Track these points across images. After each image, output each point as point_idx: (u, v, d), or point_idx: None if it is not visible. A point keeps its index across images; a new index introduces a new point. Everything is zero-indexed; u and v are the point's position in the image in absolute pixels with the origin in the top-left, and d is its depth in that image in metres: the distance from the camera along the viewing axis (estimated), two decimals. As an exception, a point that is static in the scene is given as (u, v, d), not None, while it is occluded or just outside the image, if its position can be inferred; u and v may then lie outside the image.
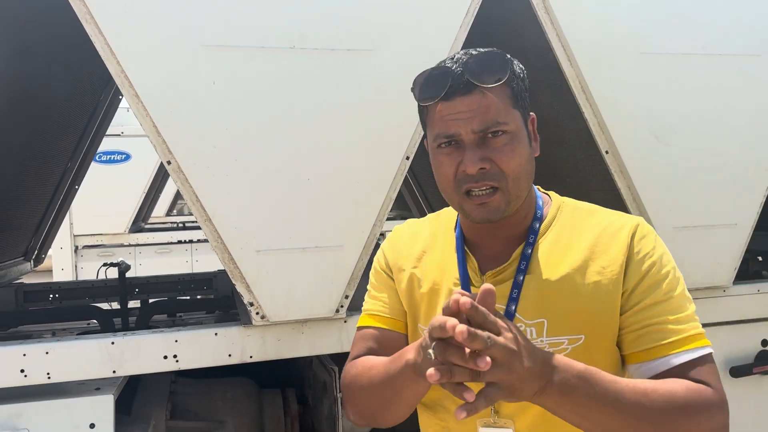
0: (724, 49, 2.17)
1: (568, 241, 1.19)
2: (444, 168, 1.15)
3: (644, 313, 1.12)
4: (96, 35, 1.74)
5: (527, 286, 1.16)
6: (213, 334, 1.92)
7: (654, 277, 1.12)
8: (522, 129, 1.15)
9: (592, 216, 1.22)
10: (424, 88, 1.16)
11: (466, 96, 1.11)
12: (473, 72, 1.11)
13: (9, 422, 1.76)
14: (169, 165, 1.81)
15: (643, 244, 1.15)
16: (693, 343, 1.09)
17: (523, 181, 1.15)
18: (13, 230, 3.15)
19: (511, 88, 1.14)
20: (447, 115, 1.12)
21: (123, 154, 6.68)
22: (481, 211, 1.14)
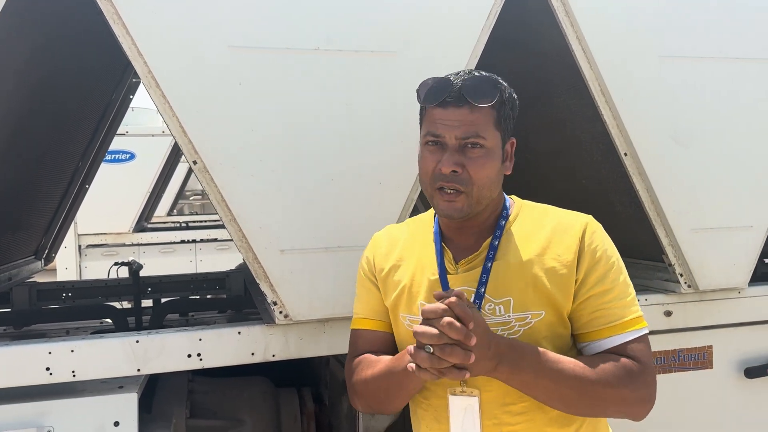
0: (742, 53, 2.19)
1: (529, 233, 1.41)
2: (426, 162, 1.38)
3: (594, 300, 1.35)
4: (123, 36, 1.75)
5: (495, 271, 1.38)
6: (236, 333, 1.93)
7: (602, 268, 1.36)
8: (498, 148, 1.38)
9: (547, 213, 1.46)
10: (427, 93, 1.37)
11: (458, 108, 1.34)
12: (468, 90, 1.33)
13: (35, 420, 1.77)
14: (195, 165, 1.82)
15: (593, 238, 1.38)
16: (630, 327, 1.35)
17: (487, 190, 1.37)
18: (25, 229, 3.16)
19: (497, 111, 1.36)
20: (439, 119, 1.35)
21: (128, 154, 6.69)
22: (446, 207, 1.36)
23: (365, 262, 1.58)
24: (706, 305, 2.29)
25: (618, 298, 1.36)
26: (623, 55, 2.09)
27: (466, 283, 1.39)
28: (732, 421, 2.34)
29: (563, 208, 1.47)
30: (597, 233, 1.39)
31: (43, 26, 2.32)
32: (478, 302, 1.37)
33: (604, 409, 1.34)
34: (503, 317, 1.36)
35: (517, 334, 1.35)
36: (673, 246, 2.20)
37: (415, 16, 1.94)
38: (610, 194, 2.53)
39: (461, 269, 1.41)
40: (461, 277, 1.40)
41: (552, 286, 1.35)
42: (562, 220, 1.42)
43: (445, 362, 1.18)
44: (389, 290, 1.49)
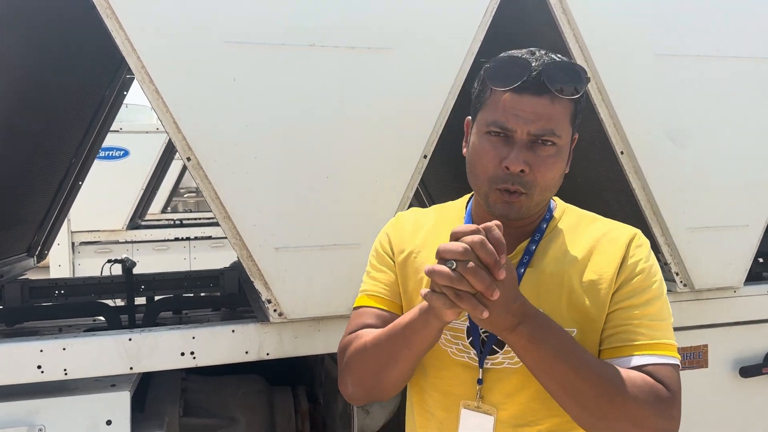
0: (738, 51, 2.19)
1: (569, 241, 1.26)
2: (486, 156, 1.18)
3: (624, 313, 1.18)
4: (117, 30, 1.73)
5: (527, 278, 1.22)
6: (230, 331, 1.92)
7: (639, 283, 1.19)
8: (568, 146, 1.22)
9: (594, 222, 1.30)
10: (499, 73, 1.16)
11: (536, 97, 1.14)
12: (551, 77, 1.13)
13: (26, 419, 1.75)
14: (189, 161, 1.80)
15: (638, 251, 1.22)
16: (661, 350, 1.15)
17: (549, 193, 1.22)
18: (18, 226, 3.13)
19: (575, 106, 1.19)
20: (510, 107, 1.15)
21: (121, 150, 6.65)
22: (504, 207, 1.19)
23: (384, 238, 1.40)
24: (701, 304, 2.29)
25: (650, 317, 1.18)
26: (620, 53, 2.08)
27: None
28: (727, 420, 2.34)
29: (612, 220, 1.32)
30: (642, 248, 1.24)
31: (36, 21, 2.30)
32: None
33: (616, 423, 1.11)
34: None
35: None
36: (669, 245, 2.20)
37: (412, 12, 1.93)
38: (606, 193, 2.52)
39: None
40: None
41: (588, 302, 1.19)
42: (609, 231, 1.26)
43: (466, 283, 0.99)
44: (407, 277, 1.33)
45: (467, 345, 1.24)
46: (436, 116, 1.95)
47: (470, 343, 1.23)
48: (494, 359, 1.21)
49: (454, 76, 1.95)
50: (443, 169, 3.46)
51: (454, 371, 1.25)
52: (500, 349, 1.21)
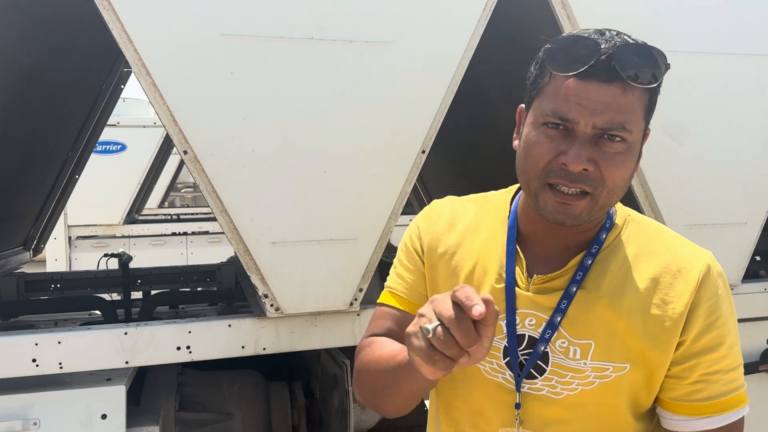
0: (737, 48, 2.18)
1: (632, 262, 1.08)
2: (539, 150, 1.01)
3: (702, 368, 1.04)
4: (113, 22, 1.72)
5: (579, 301, 1.07)
6: (226, 326, 1.91)
7: (720, 329, 1.05)
8: (638, 143, 1.04)
9: (659, 238, 1.12)
10: (561, 55, 1.00)
11: (605, 84, 0.97)
12: (624, 62, 0.97)
13: (21, 412, 1.75)
14: (186, 155, 1.79)
15: (715, 289, 1.06)
16: (736, 406, 1.05)
17: (617, 195, 1.04)
18: (14, 220, 3.12)
19: (650, 97, 1.03)
20: (574, 95, 0.98)
21: (118, 145, 6.63)
22: (558, 211, 1.02)
23: (415, 232, 1.24)
24: (699, 302, 2.28)
25: (726, 368, 1.04)
26: (619, 50, 2.07)
27: (536, 306, 1.09)
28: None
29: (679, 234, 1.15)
30: (720, 280, 1.07)
31: (32, 14, 2.28)
32: (550, 333, 1.07)
33: None
34: (577, 363, 1.05)
35: (591, 385, 1.06)
36: (666, 242, 2.19)
37: (411, 6, 1.92)
38: (604, 190, 2.52)
39: (534, 287, 1.09)
40: (531, 298, 1.09)
41: (648, 339, 1.04)
42: (679, 253, 1.08)
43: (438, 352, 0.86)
44: (438, 279, 1.19)
45: (503, 365, 1.11)
46: (434, 111, 1.95)
47: (506, 364, 1.10)
48: (532, 384, 1.09)
49: (453, 71, 1.94)
50: (443, 166, 3.45)
51: (486, 390, 1.13)
52: (539, 375, 1.08)
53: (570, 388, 1.07)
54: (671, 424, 1.08)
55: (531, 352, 1.08)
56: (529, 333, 1.08)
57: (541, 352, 1.07)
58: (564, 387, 1.07)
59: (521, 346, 1.09)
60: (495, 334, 0.88)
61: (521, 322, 1.09)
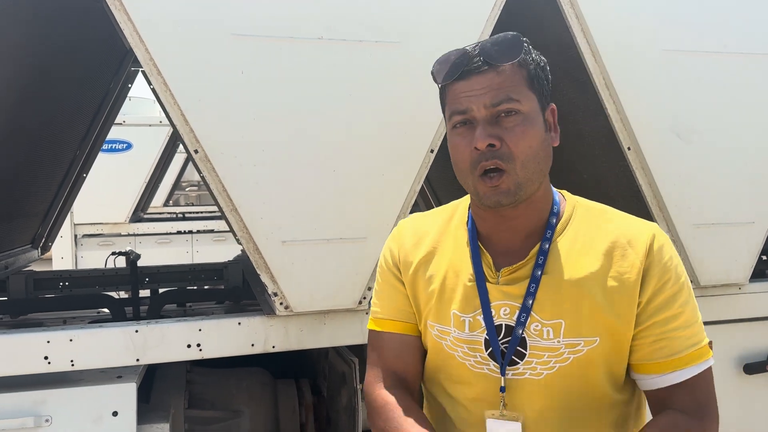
0: (746, 47, 2.19)
1: (584, 242, 1.19)
2: (459, 150, 1.16)
3: (659, 327, 1.14)
4: (125, 22, 1.73)
5: (545, 284, 1.16)
6: (236, 324, 1.92)
7: (671, 289, 1.15)
8: (537, 112, 1.16)
9: (606, 218, 1.23)
10: (443, 69, 1.18)
11: (481, 74, 1.13)
12: (488, 52, 1.13)
13: (33, 409, 1.76)
14: (196, 154, 1.80)
15: (662, 254, 1.16)
16: (699, 359, 1.15)
17: (533, 164, 1.15)
18: (22, 218, 3.13)
19: (527, 70, 1.15)
20: (461, 93, 1.15)
21: (124, 143, 6.65)
22: (492, 193, 1.13)
23: (389, 253, 1.35)
24: (706, 301, 2.29)
25: (685, 324, 1.15)
26: (628, 49, 2.08)
27: (508, 296, 1.18)
28: (731, 416, 2.34)
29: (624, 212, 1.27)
30: (665, 247, 1.18)
31: (41, 13, 2.29)
32: (525, 316, 1.16)
33: None
34: (551, 342, 1.15)
35: (566, 361, 1.15)
36: (674, 241, 2.20)
37: (419, 5, 1.93)
38: (611, 189, 2.52)
39: (503, 278, 1.19)
40: (502, 289, 1.19)
41: (611, 310, 1.14)
42: (625, 228, 1.19)
43: None
44: (418, 291, 1.28)
45: (486, 357, 1.19)
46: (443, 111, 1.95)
47: (489, 355, 1.19)
48: (515, 370, 1.17)
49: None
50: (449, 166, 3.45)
51: (474, 384, 1.21)
52: (521, 360, 1.17)
53: (548, 368, 1.16)
54: (644, 385, 1.19)
55: (510, 339, 1.17)
56: (505, 322, 1.18)
57: (519, 336, 1.17)
58: (543, 367, 1.16)
59: (500, 335, 1.18)
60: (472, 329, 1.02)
61: (497, 313, 1.19)
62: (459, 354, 1.22)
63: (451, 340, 1.23)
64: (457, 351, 1.22)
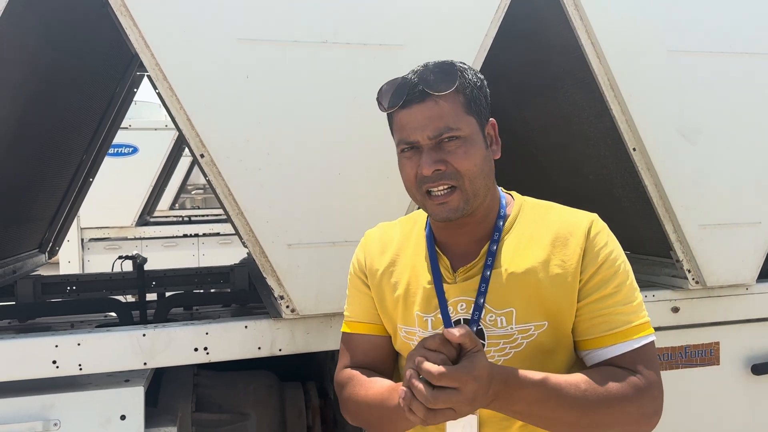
0: (751, 47, 2.18)
1: (530, 237, 1.29)
2: (406, 171, 1.27)
3: (596, 305, 1.24)
4: (131, 27, 1.74)
5: (495, 280, 1.27)
6: (243, 327, 1.92)
7: (606, 271, 1.25)
8: (477, 133, 1.25)
9: (549, 213, 1.33)
10: (386, 98, 1.27)
11: (421, 104, 1.22)
12: (427, 81, 1.22)
13: (41, 413, 1.76)
14: (202, 158, 1.81)
15: (598, 239, 1.27)
16: (637, 333, 1.23)
17: (479, 180, 1.25)
18: (29, 223, 3.15)
19: (464, 95, 1.24)
20: (406, 123, 1.24)
21: (130, 147, 6.67)
22: (441, 210, 1.24)
23: (356, 262, 1.47)
24: (713, 301, 2.28)
25: (622, 302, 1.24)
26: (632, 50, 2.08)
27: (465, 293, 1.29)
28: (739, 418, 2.34)
29: (567, 206, 1.36)
30: (602, 233, 1.28)
31: (48, 18, 2.31)
32: (477, 314, 1.26)
33: (609, 429, 1.20)
34: (505, 329, 1.25)
35: (520, 347, 1.25)
36: (681, 242, 2.19)
37: (424, 8, 1.93)
38: (617, 190, 2.52)
39: (459, 278, 1.30)
40: (459, 287, 1.29)
41: (556, 295, 1.24)
42: (566, 220, 1.30)
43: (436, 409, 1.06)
44: (384, 296, 1.38)
45: None
46: (447, 113, 1.95)
47: None
48: None
49: (466, 73, 1.95)
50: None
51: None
52: None
53: (504, 354, 1.26)
54: (588, 360, 1.27)
55: None
56: (462, 317, 1.28)
57: (475, 330, 1.25)
58: (500, 355, 1.26)
59: None
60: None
61: (454, 309, 1.29)
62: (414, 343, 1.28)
63: (417, 339, 1.32)
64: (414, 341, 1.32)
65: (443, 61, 1.26)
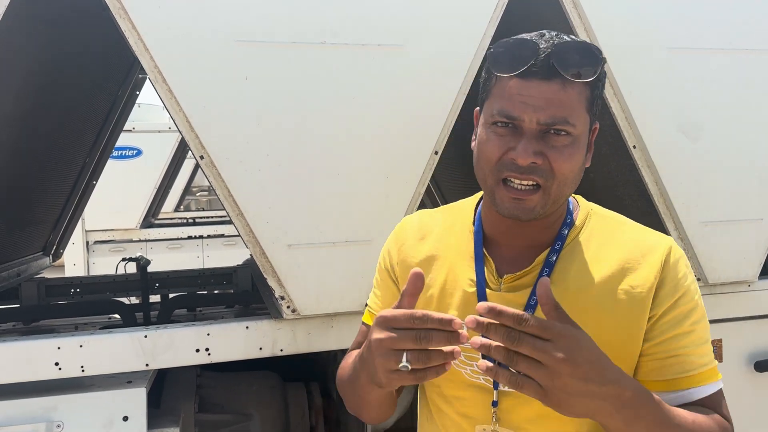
0: (751, 44, 2.17)
1: (595, 253, 1.12)
2: (490, 147, 1.06)
3: (670, 344, 1.08)
4: (130, 30, 1.75)
5: None
6: (244, 328, 1.93)
7: (684, 306, 1.08)
8: (585, 135, 1.08)
9: (620, 229, 1.16)
10: (504, 57, 1.04)
11: (544, 82, 1.01)
12: (561, 59, 1.01)
13: (44, 415, 1.78)
14: (202, 160, 1.82)
15: (678, 269, 1.10)
16: (711, 377, 1.08)
17: (568, 187, 1.08)
18: (33, 225, 3.17)
19: (591, 91, 1.06)
20: (517, 94, 1.03)
21: (134, 150, 6.70)
22: (513, 206, 1.06)
23: (387, 254, 1.30)
24: (715, 298, 2.28)
25: (696, 342, 1.08)
26: (632, 47, 2.07)
27: (509, 304, 1.06)
28: (742, 414, 2.33)
29: (640, 224, 1.20)
30: (681, 261, 1.11)
31: (49, 22, 2.32)
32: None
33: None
34: None
35: None
36: (682, 239, 2.19)
37: (422, 8, 1.93)
38: (618, 188, 2.51)
39: (505, 286, 1.13)
40: (503, 297, 1.12)
41: (616, 325, 1.07)
42: (640, 241, 1.12)
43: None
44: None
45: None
46: (447, 112, 1.96)
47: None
48: None
49: (464, 72, 1.95)
50: (455, 166, 3.46)
51: (470, 393, 1.15)
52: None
53: None
54: None
55: None
56: None
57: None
58: None
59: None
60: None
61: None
62: (456, 362, 1.16)
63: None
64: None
65: (585, 42, 1.05)
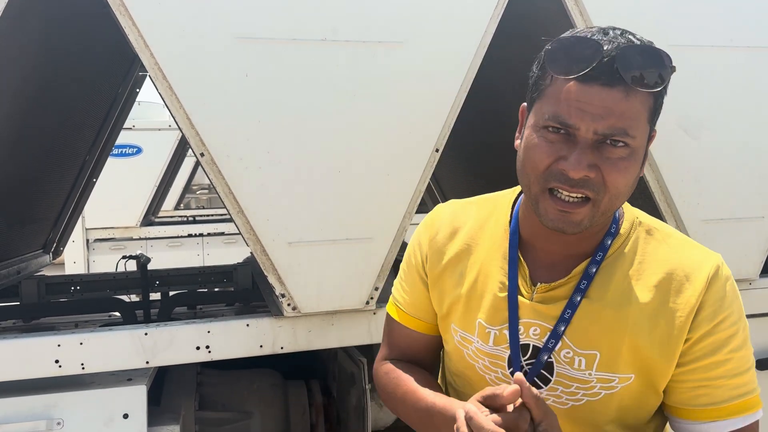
0: (752, 41, 2.17)
1: (638, 268, 1.05)
2: (538, 153, 0.98)
3: (702, 373, 1.02)
4: (130, 27, 1.74)
5: (583, 310, 1.04)
6: (245, 325, 1.93)
7: (722, 333, 1.01)
8: (643, 147, 0.99)
9: (668, 242, 1.08)
10: (562, 57, 0.95)
11: (606, 88, 0.92)
12: (628, 65, 0.92)
13: (44, 412, 1.77)
14: (203, 157, 1.81)
15: (720, 291, 1.02)
16: (744, 411, 1.02)
17: (620, 200, 1.00)
18: (33, 223, 3.17)
19: (655, 100, 0.97)
20: (575, 100, 0.94)
21: (134, 148, 6.69)
22: (558, 218, 0.98)
23: (417, 246, 1.23)
24: (716, 297, 2.27)
25: (731, 373, 1.01)
26: (633, 45, 2.07)
27: (540, 315, 1.06)
28: (742, 413, 2.33)
29: (689, 238, 1.12)
30: (726, 283, 1.03)
31: (49, 20, 2.32)
32: (554, 342, 1.04)
33: None
34: (583, 374, 1.04)
35: (597, 396, 1.04)
36: (683, 237, 2.18)
37: (423, 5, 1.93)
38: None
39: (538, 295, 1.07)
40: (534, 308, 1.07)
41: (655, 349, 1.01)
42: (686, 258, 1.04)
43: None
44: (445, 288, 1.18)
45: (507, 375, 1.10)
46: (447, 110, 1.95)
47: (511, 374, 1.09)
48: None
49: (465, 70, 1.95)
50: (455, 163, 3.45)
51: None
52: (544, 385, 1.06)
53: (575, 399, 1.05)
54: (677, 428, 1.08)
55: (534, 361, 1.06)
56: (533, 342, 1.07)
57: (544, 362, 1.05)
58: (569, 397, 1.06)
59: (525, 355, 1.08)
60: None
61: (525, 331, 1.07)
62: (479, 366, 1.13)
63: (473, 350, 1.14)
64: (477, 362, 1.14)
65: (651, 45, 0.96)
